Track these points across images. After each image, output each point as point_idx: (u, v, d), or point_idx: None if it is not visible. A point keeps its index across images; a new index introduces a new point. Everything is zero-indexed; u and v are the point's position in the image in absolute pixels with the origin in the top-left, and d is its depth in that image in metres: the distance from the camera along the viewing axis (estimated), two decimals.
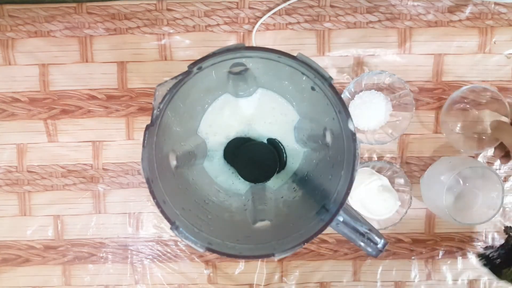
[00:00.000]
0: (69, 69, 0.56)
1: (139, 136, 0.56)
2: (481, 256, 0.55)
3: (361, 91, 0.54)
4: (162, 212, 0.36)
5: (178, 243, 0.57)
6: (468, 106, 0.56)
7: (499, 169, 0.57)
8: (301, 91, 0.45)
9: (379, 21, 0.55)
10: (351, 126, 0.36)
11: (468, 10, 0.55)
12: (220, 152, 0.53)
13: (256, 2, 0.55)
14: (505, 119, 0.52)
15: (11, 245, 0.58)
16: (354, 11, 0.55)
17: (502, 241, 0.57)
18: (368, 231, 0.38)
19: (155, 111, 0.37)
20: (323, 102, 0.41)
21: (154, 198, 0.36)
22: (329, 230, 0.37)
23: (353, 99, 0.54)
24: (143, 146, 0.36)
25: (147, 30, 0.55)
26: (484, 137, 0.54)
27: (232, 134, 0.52)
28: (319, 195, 0.43)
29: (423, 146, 0.56)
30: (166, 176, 0.40)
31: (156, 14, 0.55)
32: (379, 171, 0.55)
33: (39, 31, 0.55)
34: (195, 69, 0.37)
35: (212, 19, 0.55)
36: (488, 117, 0.55)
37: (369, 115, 0.54)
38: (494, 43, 0.55)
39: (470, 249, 0.57)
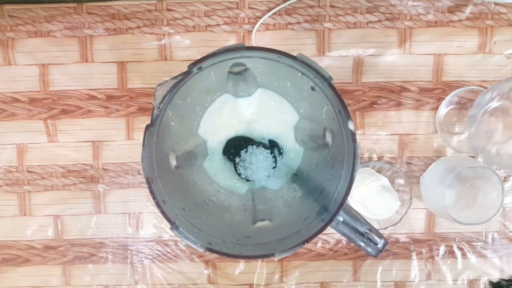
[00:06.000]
0: (69, 69, 0.56)
1: (139, 136, 0.56)
2: (493, 285, 0.54)
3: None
4: (162, 212, 0.36)
5: (178, 243, 0.57)
6: (464, 107, 0.56)
7: (499, 169, 0.57)
8: (301, 91, 0.45)
9: (379, 21, 0.55)
10: (351, 126, 0.36)
11: (468, 10, 0.55)
12: (220, 152, 0.53)
13: (256, 2, 0.55)
14: None
15: (11, 245, 0.58)
16: (354, 11, 0.55)
17: (502, 242, 0.57)
18: (368, 231, 0.38)
19: (155, 111, 0.37)
20: (323, 102, 0.41)
21: (154, 198, 0.36)
22: (329, 230, 0.37)
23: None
24: (143, 146, 0.36)
25: (147, 30, 0.55)
26: None
27: (232, 134, 0.52)
28: (319, 195, 0.43)
29: (423, 146, 0.57)
30: (166, 176, 0.40)
31: (156, 14, 0.55)
32: (379, 171, 0.55)
33: (39, 31, 0.55)
34: (195, 69, 0.37)
35: (212, 19, 0.55)
36: None
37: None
38: (494, 43, 0.55)
39: (470, 249, 0.57)
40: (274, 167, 0.52)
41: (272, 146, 0.52)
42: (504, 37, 0.55)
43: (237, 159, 0.51)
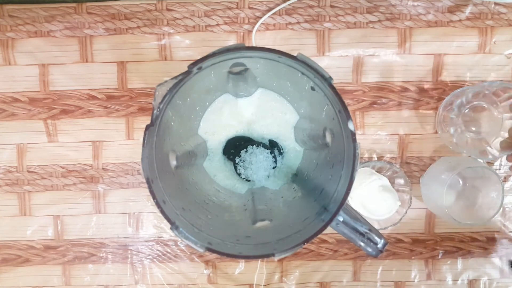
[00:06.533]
0: (69, 69, 0.56)
1: (139, 136, 0.56)
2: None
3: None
4: (162, 212, 0.36)
5: (178, 243, 0.57)
6: (475, 108, 0.55)
7: (499, 169, 0.57)
8: (301, 91, 0.45)
9: (379, 21, 0.55)
10: (351, 126, 0.36)
11: (468, 10, 0.55)
12: (220, 152, 0.53)
13: (256, 2, 0.55)
14: None
15: (11, 245, 0.58)
16: (354, 11, 0.55)
17: (502, 242, 0.57)
18: (368, 231, 0.38)
19: (155, 111, 0.37)
20: (323, 102, 0.41)
21: (154, 198, 0.36)
22: (329, 230, 0.37)
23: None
24: (143, 146, 0.36)
25: (147, 30, 0.55)
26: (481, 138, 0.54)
27: (232, 134, 0.52)
28: (319, 195, 0.43)
29: (423, 146, 0.57)
30: (166, 176, 0.40)
31: (156, 14, 0.55)
32: (379, 171, 0.55)
33: (39, 31, 0.55)
34: (195, 69, 0.37)
35: (212, 19, 0.55)
36: (485, 117, 0.55)
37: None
38: (494, 43, 0.55)
39: (470, 249, 0.57)
40: (274, 167, 0.52)
41: (272, 146, 0.52)
42: (504, 37, 0.55)
43: (237, 159, 0.51)
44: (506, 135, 0.51)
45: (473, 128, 0.54)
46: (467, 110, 0.54)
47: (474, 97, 0.53)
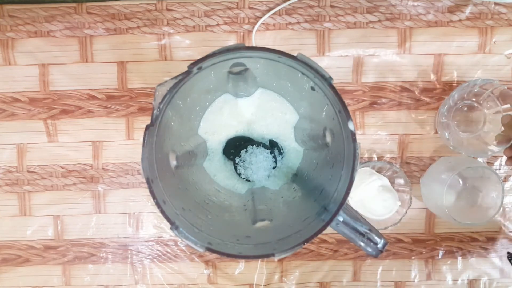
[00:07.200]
0: (69, 69, 0.56)
1: (139, 136, 0.56)
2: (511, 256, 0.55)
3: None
4: (162, 212, 0.36)
5: (178, 243, 0.58)
6: (465, 108, 0.56)
7: (499, 169, 0.57)
8: (301, 91, 0.45)
9: (379, 21, 0.55)
10: (351, 126, 0.36)
11: (468, 10, 0.55)
12: (220, 152, 0.53)
13: (256, 2, 0.55)
14: None
15: (11, 245, 0.58)
16: (354, 11, 0.55)
17: (502, 242, 0.57)
18: (368, 231, 0.38)
19: (155, 111, 0.37)
20: (323, 102, 0.41)
21: (154, 198, 0.36)
22: (329, 230, 0.37)
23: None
24: (143, 146, 0.36)
25: (147, 30, 0.55)
26: (479, 138, 0.55)
27: (232, 134, 0.52)
28: (319, 195, 0.43)
29: (423, 146, 0.57)
30: (166, 176, 0.40)
31: (156, 14, 0.55)
32: (379, 171, 0.55)
33: (39, 31, 0.55)
34: (195, 69, 0.37)
35: (212, 19, 0.55)
36: (476, 115, 0.55)
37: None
38: (494, 43, 0.55)
39: (470, 249, 0.57)
40: (274, 167, 0.52)
41: (272, 146, 0.52)
42: (504, 37, 0.55)
43: (237, 159, 0.51)
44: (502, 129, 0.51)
45: (466, 127, 0.54)
46: (459, 107, 0.54)
47: (460, 97, 0.54)
